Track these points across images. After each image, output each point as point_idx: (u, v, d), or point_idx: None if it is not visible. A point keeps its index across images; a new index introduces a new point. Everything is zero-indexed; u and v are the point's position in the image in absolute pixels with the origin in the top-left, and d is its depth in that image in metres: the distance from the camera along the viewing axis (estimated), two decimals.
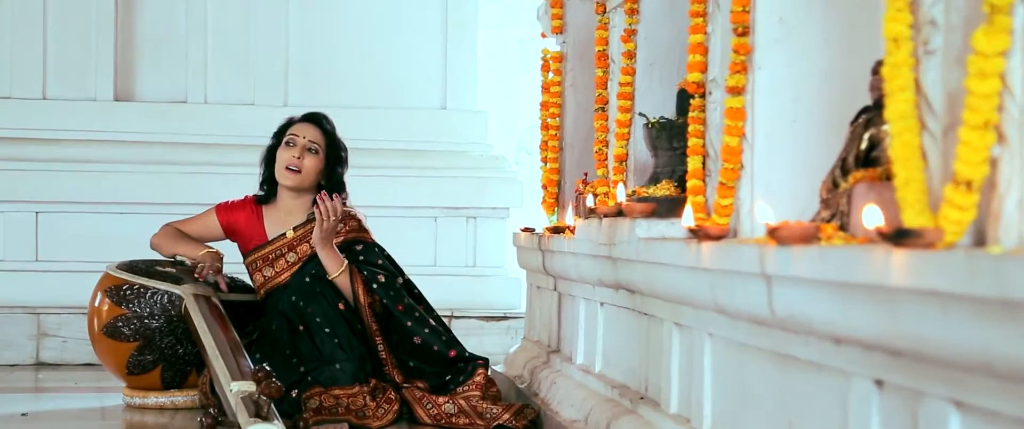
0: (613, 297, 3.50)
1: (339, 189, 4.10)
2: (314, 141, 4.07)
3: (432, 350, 3.99)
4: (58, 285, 5.33)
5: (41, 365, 5.27)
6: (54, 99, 5.57)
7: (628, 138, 3.78)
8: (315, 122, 4.13)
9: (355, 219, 4.18)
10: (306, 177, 4.06)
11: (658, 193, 3.24)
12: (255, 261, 4.12)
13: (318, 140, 4.08)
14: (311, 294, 3.92)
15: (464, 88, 5.83)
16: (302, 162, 4.02)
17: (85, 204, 5.46)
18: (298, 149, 4.04)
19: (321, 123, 4.13)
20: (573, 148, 4.70)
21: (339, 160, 4.12)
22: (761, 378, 2.33)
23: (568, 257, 3.85)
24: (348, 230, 4.13)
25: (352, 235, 4.13)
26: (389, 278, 4.02)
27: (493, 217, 5.78)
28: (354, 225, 4.17)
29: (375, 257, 4.09)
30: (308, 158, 4.04)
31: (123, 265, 4.06)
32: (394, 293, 4.00)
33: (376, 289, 3.96)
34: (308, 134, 4.08)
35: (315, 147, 4.06)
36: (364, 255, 4.06)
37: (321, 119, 4.15)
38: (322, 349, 3.83)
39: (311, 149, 4.05)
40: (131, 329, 3.94)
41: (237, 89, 5.66)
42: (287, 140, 4.08)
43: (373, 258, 4.07)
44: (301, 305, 3.90)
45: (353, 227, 4.16)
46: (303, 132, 4.08)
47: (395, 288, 4.02)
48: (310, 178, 4.07)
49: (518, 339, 5.36)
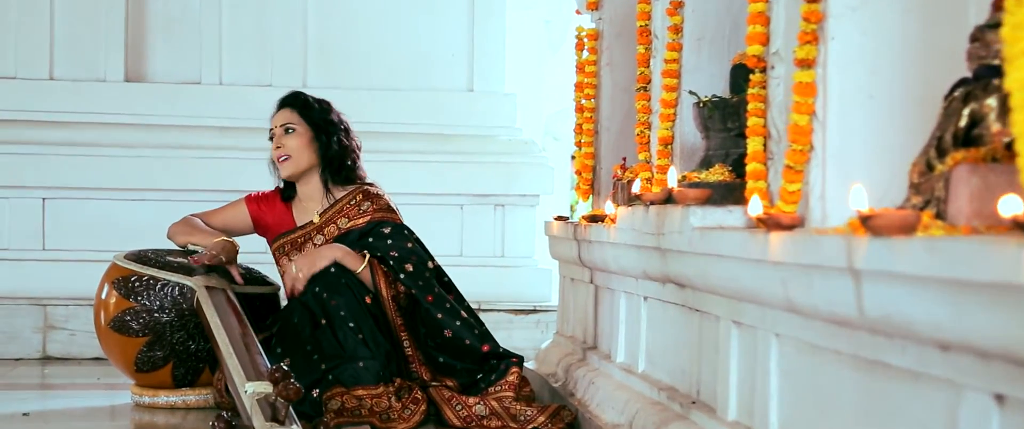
0: (659, 291, 3.28)
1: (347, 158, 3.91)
2: (286, 122, 3.95)
3: (464, 344, 3.79)
4: (66, 275, 5.20)
5: (48, 359, 5.15)
6: (61, 80, 5.43)
7: (674, 119, 3.56)
8: (283, 103, 4.01)
9: (382, 199, 4.00)
10: (297, 159, 3.92)
11: (711, 178, 3.00)
12: (283, 246, 3.97)
13: (290, 119, 3.95)
14: (336, 285, 3.72)
15: (492, 69, 5.68)
16: (284, 148, 3.91)
17: (94, 190, 5.34)
18: (276, 138, 3.95)
19: (287, 100, 4.01)
20: (609, 131, 4.50)
21: (326, 124, 3.95)
22: (841, 386, 2.09)
23: (608, 248, 3.65)
24: (375, 209, 3.95)
25: (379, 215, 3.95)
26: (417, 266, 3.82)
27: (522, 205, 5.62)
28: (382, 204, 3.98)
29: (403, 240, 3.89)
30: (288, 140, 3.92)
31: (131, 255, 3.88)
32: (423, 283, 3.81)
33: (404, 279, 3.77)
34: (279, 120, 3.98)
35: (290, 126, 3.94)
36: (392, 238, 3.87)
37: (289, 98, 4.02)
38: (345, 345, 3.64)
39: (287, 130, 3.93)
40: (140, 323, 3.76)
41: (254, 69, 5.53)
42: (269, 136, 4.00)
43: (401, 242, 3.88)
44: (325, 297, 3.71)
45: (380, 206, 3.98)
46: (275, 121, 3.99)
47: (424, 276, 3.82)
48: (301, 157, 3.92)
49: (549, 334, 5.24)
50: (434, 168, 5.52)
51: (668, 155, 3.59)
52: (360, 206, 3.91)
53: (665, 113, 3.56)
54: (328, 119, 3.95)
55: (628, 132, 4.24)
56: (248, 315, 3.72)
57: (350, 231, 3.89)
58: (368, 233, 3.87)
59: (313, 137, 3.92)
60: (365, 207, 3.92)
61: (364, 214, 3.90)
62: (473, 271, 5.36)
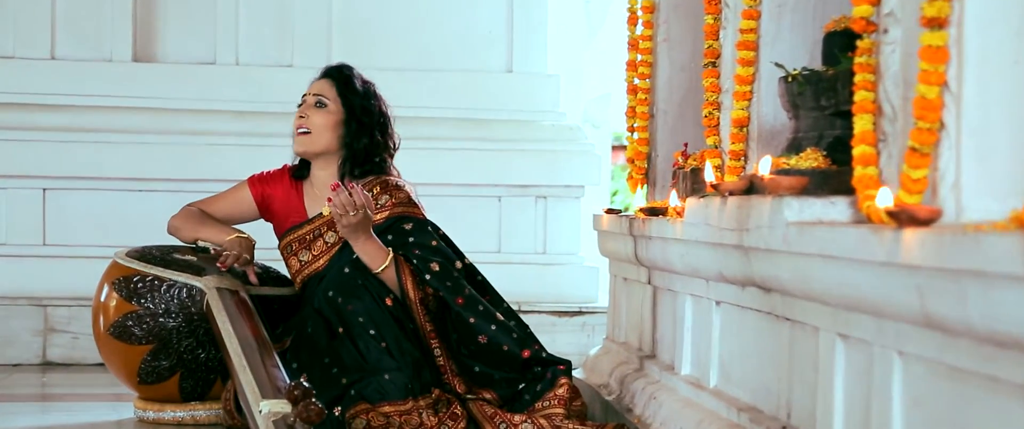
0: (737, 296, 2.94)
1: (375, 153, 3.59)
2: (321, 94, 3.62)
3: (501, 351, 3.48)
4: (68, 273, 5.03)
5: (48, 365, 4.98)
6: (64, 59, 5.27)
7: (750, 98, 3.20)
8: (325, 74, 3.69)
9: (402, 191, 3.66)
10: (317, 137, 3.60)
11: (802, 165, 2.63)
12: (290, 243, 3.66)
13: (326, 92, 3.63)
14: (351, 288, 3.41)
15: (533, 48, 5.47)
16: (308, 120, 3.59)
17: (100, 180, 5.18)
18: (304, 107, 3.63)
19: (331, 72, 3.69)
20: (666, 114, 4.22)
21: (362, 111, 3.63)
22: (1001, 421, 1.69)
23: (673, 245, 3.34)
24: (394, 203, 3.62)
25: (399, 210, 3.62)
26: (445, 265, 3.51)
27: (566, 196, 5.41)
28: (402, 197, 3.64)
29: (427, 238, 3.57)
30: (315, 115, 3.60)
31: (134, 252, 3.60)
32: (452, 283, 3.49)
33: (429, 280, 3.46)
34: (314, 88, 3.66)
35: (322, 100, 3.61)
36: (414, 235, 3.55)
37: (332, 69, 3.70)
38: (367, 356, 3.33)
39: (318, 103, 3.61)
40: (143, 329, 3.50)
41: (273, 48, 5.35)
42: (299, 102, 3.68)
43: (425, 239, 3.56)
44: (339, 302, 3.40)
45: (401, 200, 3.64)
46: (310, 89, 3.67)
47: (452, 277, 3.51)
48: (323, 137, 3.61)
49: (596, 338, 5.06)
50: (469, 156, 5.35)
51: (743, 139, 3.24)
52: (378, 199, 3.61)
53: (740, 91, 3.21)
54: (368, 106, 3.64)
55: (687, 115, 4.06)
56: (264, 321, 3.45)
57: None
58: (387, 230, 3.56)
59: (343, 120, 3.61)
60: (383, 201, 3.61)
61: (382, 209, 3.59)
62: (512, 269, 5.22)
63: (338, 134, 3.61)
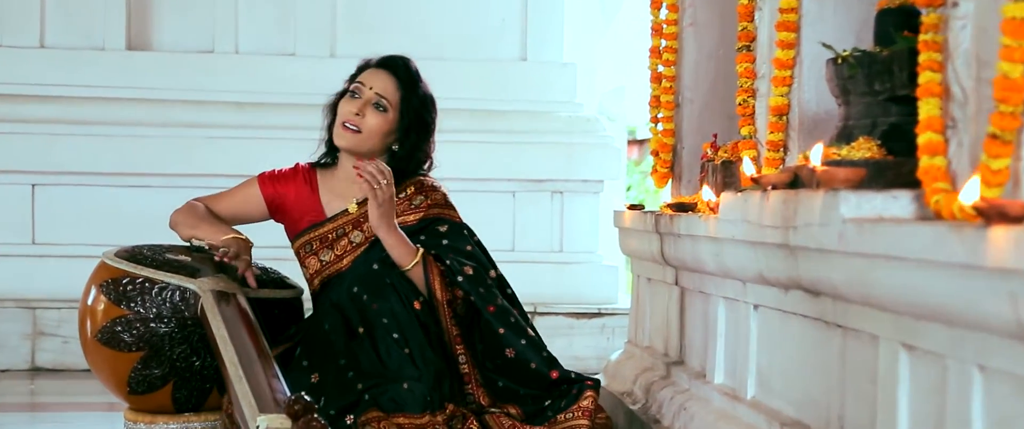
0: (778, 299, 2.73)
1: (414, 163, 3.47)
2: (383, 94, 3.40)
3: (529, 368, 3.28)
4: (58, 273, 4.98)
5: (37, 371, 4.94)
6: (54, 48, 5.21)
7: (790, 83, 3.02)
8: (391, 68, 3.44)
9: (438, 192, 3.50)
10: (367, 139, 3.40)
11: (854, 155, 2.41)
12: (310, 242, 3.47)
13: (389, 93, 3.41)
14: (378, 286, 3.24)
15: (548, 35, 5.43)
16: (363, 120, 3.38)
17: (91, 175, 5.11)
18: (361, 102, 3.40)
19: (397, 70, 3.44)
20: (692, 103, 4.09)
21: (418, 123, 3.45)
22: None
23: (705, 243, 3.15)
24: (429, 204, 3.45)
25: (435, 211, 3.45)
26: (479, 270, 3.35)
27: (584, 191, 5.36)
28: (438, 198, 3.48)
29: (462, 242, 3.40)
30: (371, 115, 3.39)
31: (123, 252, 3.39)
32: (485, 290, 3.31)
33: (461, 283, 3.29)
34: (377, 84, 3.41)
35: (384, 103, 3.40)
36: (449, 238, 3.39)
37: (399, 65, 3.46)
38: (387, 361, 3.14)
39: (378, 105, 3.39)
40: (134, 335, 3.29)
41: (275, 36, 5.28)
42: (352, 90, 3.44)
43: (460, 243, 3.39)
44: (364, 300, 3.22)
45: (436, 201, 3.47)
46: (372, 81, 3.42)
47: (486, 284, 3.33)
48: (372, 141, 3.41)
49: (616, 341, 4.96)
50: (482, 149, 5.26)
51: (782, 128, 3.07)
52: (412, 200, 3.43)
53: (779, 76, 3.02)
54: (426, 119, 3.47)
55: (715, 105, 3.95)
56: (264, 326, 3.24)
57: None
58: (420, 231, 3.39)
59: (397, 128, 3.42)
60: (418, 202, 3.44)
61: (416, 210, 3.42)
62: (527, 268, 5.12)
63: (387, 141, 3.44)
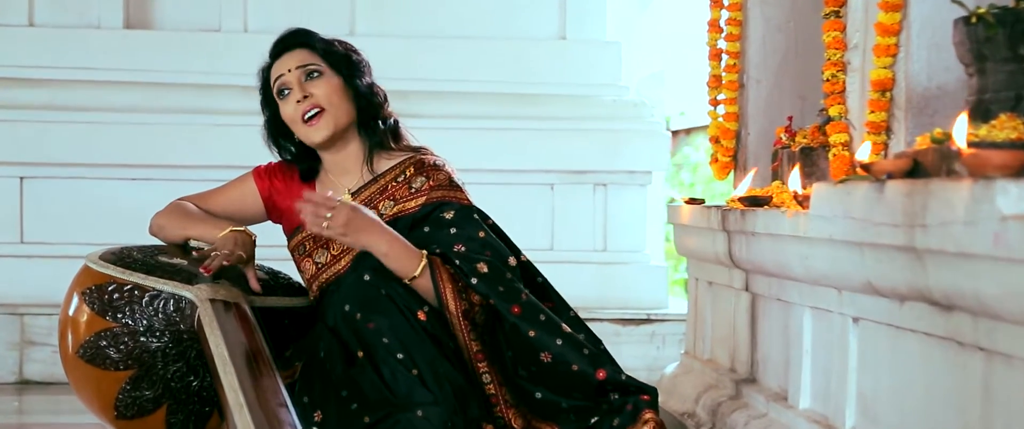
0: (891, 312, 2.35)
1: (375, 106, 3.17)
2: (305, 62, 3.13)
3: (570, 371, 2.93)
4: (49, 276, 4.76)
5: (25, 384, 4.74)
6: (44, 26, 5.07)
7: (895, 52, 2.67)
8: (288, 45, 3.18)
9: (442, 172, 3.14)
10: (336, 111, 3.11)
11: (997, 135, 2.02)
12: (303, 243, 3.16)
13: (308, 58, 3.14)
14: (372, 300, 2.89)
15: (589, 12, 5.22)
16: (315, 99, 3.09)
17: (86, 166, 4.97)
18: (296, 87, 3.11)
19: (288, 41, 3.19)
20: (759, 84, 3.85)
21: (350, 64, 3.15)
22: None
23: (790, 243, 2.80)
24: (432, 186, 3.10)
25: (438, 194, 3.09)
26: (494, 265, 2.99)
27: (630, 184, 5.11)
28: (441, 179, 3.11)
29: (473, 227, 3.04)
30: (316, 87, 3.10)
31: (110, 255, 3.11)
32: (505, 288, 2.96)
33: (477, 285, 2.94)
34: (292, 62, 3.14)
35: (314, 68, 3.11)
36: (457, 225, 3.03)
37: (293, 36, 3.20)
38: (394, 386, 2.80)
39: (311, 74, 3.11)
40: (121, 351, 3.01)
41: (286, 13, 5.02)
42: (277, 90, 3.15)
43: (471, 229, 3.03)
44: (358, 318, 2.88)
45: (440, 182, 3.11)
46: (285, 65, 3.15)
47: (505, 279, 2.98)
48: (341, 110, 3.12)
49: (667, 351, 4.77)
50: (516, 137, 5.08)
51: (884, 106, 2.72)
52: (412, 182, 3.10)
53: (882, 44, 2.67)
54: (352, 59, 3.17)
55: (785, 84, 3.81)
56: (271, 340, 2.93)
57: (398, 218, 3.08)
58: (423, 220, 3.05)
59: (343, 85, 3.11)
60: (419, 184, 3.10)
61: (417, 194, 3.09)
62: (567, 269, 4.85)
63: (349, 99, 3.15)
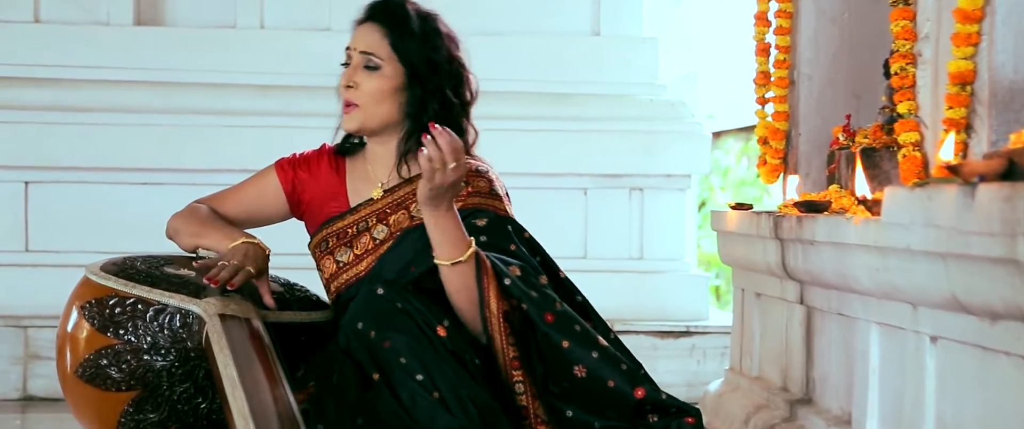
0: (979, 331, 2.15)
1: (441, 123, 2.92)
2: (370, 51, 2.92)
3: (605, 388, 2.73)
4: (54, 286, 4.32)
5: (29, 400, 4.64)
6: (50, 22, 4.99)
7: (977, 41, 2.47)
8: (372, 16, 2.95)
9: (483, 178, 2.94)
10: (370, 112, 2.93)
11: None
12: (326, 239, 2.98)
13: (375, 47, 2.92)
14: (388, 316, 2.70)
15: (625, 5, 5.10)
16: (358, 90, 2.91)
17: (94, 170, 4.88)
18: (351, 71, 2.94)
19: (377, 15, 2.95)
20: (811, 80, 3.74)
21: (427, 74, 2.93)
22: None
23: (857, 253, 2.60)
24: (469, 193, 2.91)
25: (475, 201, 2.90)
26: (528, 269, 2.81)
27: (668, 188, 5.00)
28: (481, 186, 2.92)
29: (505, 239, 2.83)
30: (364, 80, 2.91)
31: (112, 266, 2.92)
32: (538, 294, 2.76)
33: (509, 286, 2.74)
34: (359, 42, 2.94)
35: (373, 60, 2.91)
36: (488, 234, 2.83)
37: (378, 8, 2.96)
38: (414, 412, 2.60)
39: (369, 65, 2.91)
40: (123, 370, 2.82)
41: (305, 9, 5.07)
42: (346, 57, 2.98)
43: (502, 240, 2.83)
44: (372, 337, 2.68)
45: (478, 189, 2.91)
46: (356, 41, 2.95)
47: (538, 286, 2.78)
48: (379, 112, 2.93)
49: (708, 366, 4.65)
50: (548, 139, 4.98)
51: (964, 102, 2.50)
52: None
53: (962, 32, 2.47)
54: (434, 58, 2.94)
55: (839, 81, 3.80)
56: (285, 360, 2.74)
57: None
58: None
59: (403, 85, 2.91)
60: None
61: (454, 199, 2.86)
62: (601, 278, 4.75)
63: (398, 102, 2.91)
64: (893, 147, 2.85)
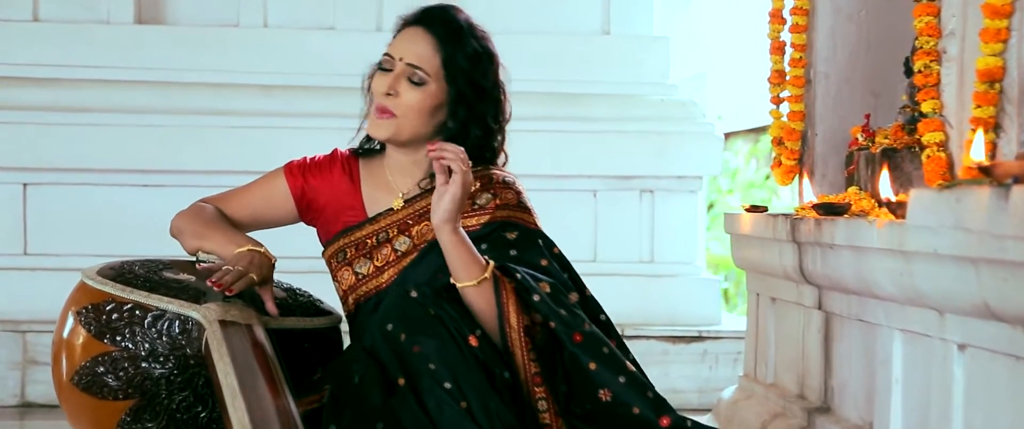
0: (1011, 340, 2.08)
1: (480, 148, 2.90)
2: (417, 62, 2.82)
3: (630, 415, 2.66)
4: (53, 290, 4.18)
5: (28, 407, 4.58)
6: (49, 21, 4.94)
7: (1007, 37, 2.41)
8: (425, 23, 2.85)
9: (511, 190, 2.87)
10: (405, 124, 2.85)
11: None
12: (343, 249, 2.92)
13: (425, 58, 2.83)
14: (419, 320, 2.63)
15: (635, 4, 5.05)
16: (397, 100, 2.82)
17: (93, 172, 4.82)
18: (392, 77, 2.84)
19: (433, 25, 2.84)
20: (828, 79, 3.66)
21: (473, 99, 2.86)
22: None
23: (880, 257, 2.53)
24: (498, 205, 2.83)
25: (503, 214, 2.83)
26: (557, 287, 2.74)
27: (679, 190, 4.95)
28: (509, 198, 2.85)
29: (536, 255, 2.78)
30: (406, 91, 2.83)
31: (109, 270, 2.88)
32: (568, 313, 2.70)
33: (538, 304, 2.69)
34: (409, 50, 2.84)
35: (420, 74, 2.82)
36: (519, 248, 2.78)
37: (435, 18, 2.86)
38: (439, 420, 2.55)
39: (413, 78, 2.82)
40: (121, 378, 2.78)
41: (310, 7, 5.02)
42: (383, 60, 2.87)
43: (533, 256, 2.77)
44: (401, 340, 2.61)
45: (507, 201, 2.84)
46: (402, 47, 2.85)
47: (567, 304, 2.72)
48: (412, 125, 2.85)
49: (720, 371, 4.58)
50: (556, 140, 4.91)
51: (993, 99, 2.45)
52: (475, 198, 2.84)
53: (991, 28, 2.40)
54: (482, 85, 2.87)
55: (857, 80, 3.67)
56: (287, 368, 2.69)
57: None
58: (483, 239, 2.80)
59: (446, 103, 2.84)
60: (484, 201, 2.84)
61: (481, 211, 2.84)
62: (611, 282, 4.69)
63: (437, 119, 2.85)
64: (915, 147, 2.77)
